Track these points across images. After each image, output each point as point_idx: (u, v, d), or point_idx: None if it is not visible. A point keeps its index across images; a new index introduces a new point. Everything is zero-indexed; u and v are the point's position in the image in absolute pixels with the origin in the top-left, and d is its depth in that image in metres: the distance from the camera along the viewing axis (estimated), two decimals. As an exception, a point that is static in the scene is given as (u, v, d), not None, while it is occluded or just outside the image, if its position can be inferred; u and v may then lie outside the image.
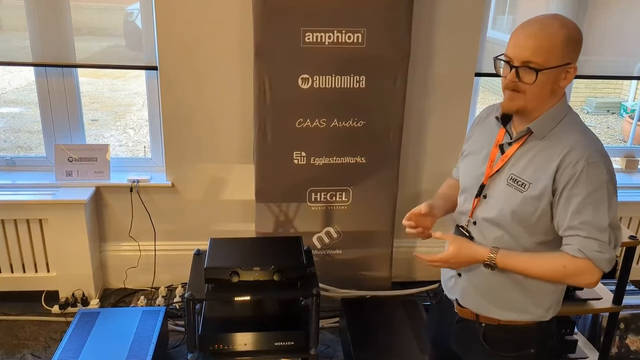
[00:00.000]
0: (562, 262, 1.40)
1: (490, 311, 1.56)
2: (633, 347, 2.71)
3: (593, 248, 1.37)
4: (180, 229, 3.16)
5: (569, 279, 1.44)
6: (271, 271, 2.18)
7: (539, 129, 1.43)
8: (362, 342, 2.52)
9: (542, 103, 1.42)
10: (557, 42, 1.35)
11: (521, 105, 1.41)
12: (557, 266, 1.41)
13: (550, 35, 1.36)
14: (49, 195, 2.90)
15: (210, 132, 2.99)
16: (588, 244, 1.37)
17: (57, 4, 2.78)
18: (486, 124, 1.61)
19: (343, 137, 2.82)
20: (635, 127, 3.87)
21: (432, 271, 3.21)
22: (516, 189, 1.44)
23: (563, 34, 1.36)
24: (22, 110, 7.27)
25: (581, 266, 1.38)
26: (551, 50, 1.35)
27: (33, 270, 3.02)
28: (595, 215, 1.36)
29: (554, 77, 1.38)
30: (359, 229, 2.99)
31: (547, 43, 1.35)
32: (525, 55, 1.36)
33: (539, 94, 1.39)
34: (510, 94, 1.41)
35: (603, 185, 1.36)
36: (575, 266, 1.39)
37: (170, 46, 2.82)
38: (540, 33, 1.36)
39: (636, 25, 3.15)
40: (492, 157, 1.52)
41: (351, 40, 2.65)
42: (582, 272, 1.39)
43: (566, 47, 1.36)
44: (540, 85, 1.37)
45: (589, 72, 3.24)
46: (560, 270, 1.41)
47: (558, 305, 1.58)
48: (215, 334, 2.25)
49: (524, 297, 1.52)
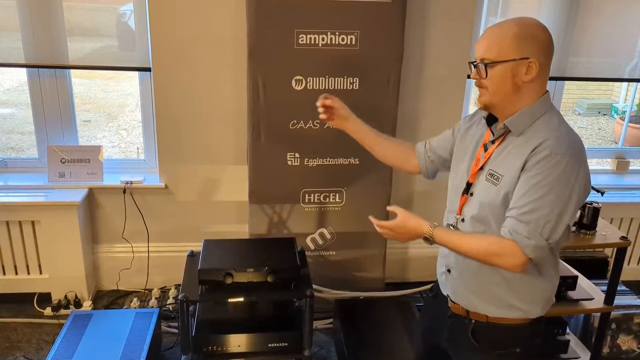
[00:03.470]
0: (489, 241, 1.46)
1: (478, 307, 1.59)
2: (624, 347, 2.73)
3: (521, 232, 1.39)
4: (174, 231, 3.15)
5: (494, 258, 1.45)
6: (265, 272, 2.19)
7: (515, 126, 1.47)
8: (356, 343, 2.53)
9: (506, 97, 1.46)
10: (508, 37, 1.42)
11: (487, 100, 1.49)
12: (484, 243, 1.46)
13: (501, 32, 1.44)
14: (42, 196, 2.89)
15: (203, 133, 2.99)
16: (518, 227, 1.40)
17: (49, 5, 2.77)
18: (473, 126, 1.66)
19: (337, 139, 2.79)
20: (626, 128, 3.90)
21: (426, 272, 3.25)
22: (492, 183, 1.49)
23: (514, 30, 1.42)
24: (14, 111, 7.23)
25: (506, 247, 1.41)
26: (501, 45, 1.42)
27: (25, 272, 3.01)
28: (536, 201, 1.38)
29: (512, 72, 1.43)
30: (353, 230, 3.00)
31: (496, 39, 1.44)
32: (481, 54, 1.46)
33: (499, 87, 1.45)
34: (479, 91, 1.51)
35: (558, 176, 1.37)
36: (500, 246, 1.42)
37: (164, 47, 2.82)
38: (493, 32, 1.46)
39: (627, 28, 3.17)
40: (477, 156, 1.57)
41: (345, 42, 2.66)
42: (505, 253, 1.42)
43: (518, 42, 1.41)
44: (498, 80, 1.44)
45: (580, 74, 3.26)
46: (485, 248, 1.45)
47: (547, 304, 1.60)
48: (209, 336, 2.25)
49: (510, 293, 1.54)
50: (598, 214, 2.36)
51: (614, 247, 2.35)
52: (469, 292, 1.60)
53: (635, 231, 3.43)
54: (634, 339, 2.72)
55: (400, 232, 1.58)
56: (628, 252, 3.05)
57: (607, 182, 3.43)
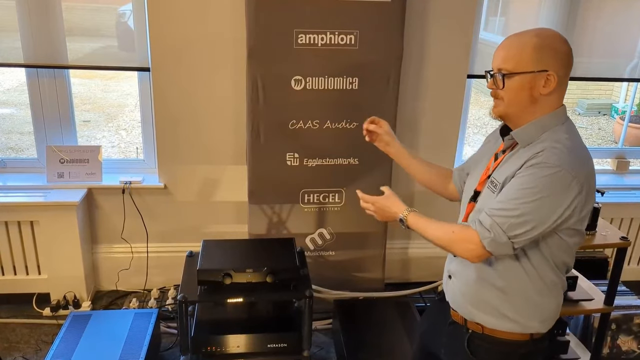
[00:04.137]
0: (453, 228, 1.47)
1: (474, 316, 1.56)
2: (624, 348, 2.73)
3: (485, 223, 1.40)
4: (173, 231, 3.15)
5: (454, 244, 1.47)
6: (264, 273, 2.18)
7: (520, 137, 1.46)
8: (355, 344, 2.52)
9: (522, 109, 1.44)
10: (527, 49, 1.40)
11: (502, 110, 1.48)
12: (448, 230, 1.48)
13: (520, 43, 1.42)
14: (41, 197, 2.88)
15: (203, 134, 2.98)
16: (484, 219, 1.41)
17: (48, 5, 2.77)
18: (493, 138, 1.66)
19: (336, 139, 2.82)
20: (626, 128, 3.89)
21: (425, 272, 3.24)
22: (491, 190, 1.49)
23: (534, 42, 1.40)
24: (13, 111, 7.23)
25: (467, 234, 1.43)
26: (520, 56, 1.41)
27: (24, 272, 3.00)
28: (509, 201, 1.38)
29: (529, 84, 1.41)
30: (352, 230, 3.00)
31: (516, 50, 1.42)
32: (498, 63, 1.45)
33: (515, 99, 1.44)
34: (494, 101, 1.50)
35: (541, 180, 1.35)
36: (462, 234, 1.44)
37: (163, 47, 2.82)
38: (512, 42, 1.44)
39: (627, 28, 3.17)
40: (488, 165, 1.57)
41: (344, 42, 2.66)
42: (465, 240, 1.43)
43: (538, 54, 1.39)
44: (515, 91, 1.42)
45: (580, 74, 3.25)
46: (450, 235, 1.47)
47: (548, 320, 1.55)
48: (208, 336, 2.25)
49: (504, 303, 1.51)
50: (598, 214, 2.36)
51: (614, 248, 2.34)
52: (466, 299, 1.58)
53: (636, 231, 3.43)
54: (634, 340, 2.72)
55: (380, 208, 1.64)
56: (628, 252, 3.04)
57: (607, 182, 3.42)
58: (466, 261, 1.52)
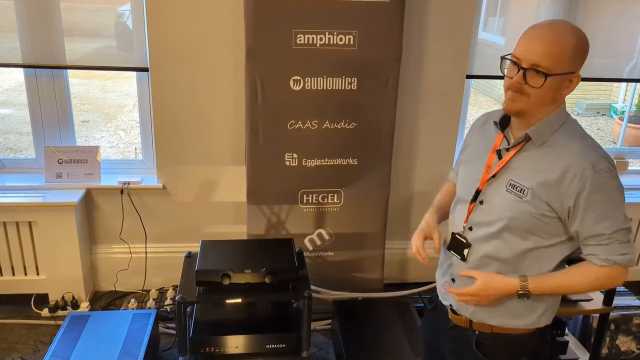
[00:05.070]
0: (593, 275, 1.43)
1: (483, 318, 1.55)
2: (623, 348, 2.73)
3: (618, 252, 1.40)
4: (172, 231, 3.14)
5: (603, 287, 1.48)
6: (263, 273, 2.18)
7: (537, 135, 1.43)
8: (354, 344, 2.52)
9: (542, 108, 1.41)
10: (568, 49, 1.35)
11: (523, 107, 1.40)
12: (590, 280, 1.44)
13: (562, 41, 1.35)
14: (39, 197, 2.88)
15: (201, 134, 2.98)
16: (612, 249, 1.40)
17: (47, 5, 2.76)
18: (483, 131, 1.61)
19: (335, 139, 2.82)
20: (625, 128, 3.89)
21: (424, 272, 3.24)
22: (516, 195, 1.44)
23: (574, 42, 1.36)
24: (12, 111, 7.22)
25: (612, 273, 1.41)
26: (561, 56, 1.34)
27: (22, 273, 2.99)
28: (613, 220, 1.38)
29: (558, 85, 1.38)
30: (351, 230, 2.99)
31: (558, 49, 1.34)
32: (536, 58, 1.35)
33: (542, 98, 1.38)
34: (512, 95, 1.40)
35: (614, 189, 1.38)
36: (606, 275, 1.42)
37: (162, 47, 2.81)
38: (554, 38, 1.35)
39: (626, 28, 3.17)
40: (489, 162, 1.51)
41: (343, 42, 2.65)
42: (613, 277, 1.43)
43: (575, 55, 1.37)
44: (547, 90, 1.37)
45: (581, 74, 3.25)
46: (594, 282, 1.44)
47: (553, 311, 1.57)
48: (207, 337, 2.25)
49: (517, 302, 1.51)
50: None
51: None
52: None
53: (635, 232, 3.43)
54: (633, 340, 2.72)
55: (484, 295, 1.49)
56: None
57: (606, 183, 3.42)
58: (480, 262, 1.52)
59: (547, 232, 1.44)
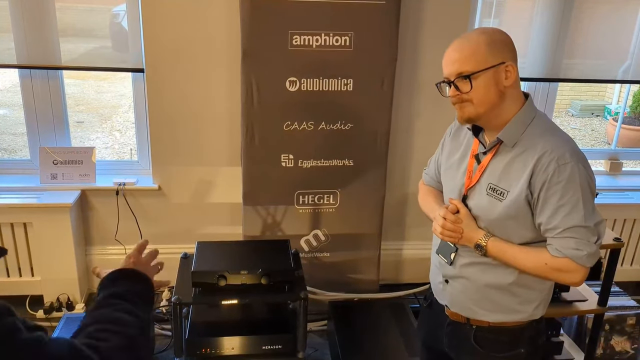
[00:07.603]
0: (543, 260, 1.44)
1: (479, 314, 1.58)
2: (618, 348, 2.74)
3: (570, 246, 1.40)
4: (167, 233, 3.14)
5: (553, 275, 1.47)
6: (259, 275, 2.18)
7: (508, 137, 1.46)
8: (350, 345, 2.52)
9: (493, 106, 1.44)
10: (480, 46, 1.41)
11: (472, 112, 1.45)
12: (540, 263, 1.45)
13: (471, 42, 1.42)
14: (34, 198, 2.87)
15: (197, 135, 2.98)
16: (565, 243, 1.41)
17: (42, 5, 2.75)
18: (459, 135, 1.64)
19: (331, 140, 2.82)
20: (619, 129, 3.91)
21: (420, 273, 3.24)
22: (496, 197, 1.48)
23: (484, 38, 1.42)
24: (6, 112, 7.19)
25: (561, 264, 1.42)
26: (476, 54, 1.41)
27: (17, 274, 2.98)
28: (570, 215, 1.39)
29: (493, 79, 1.41)
30: (347, 231, 3.00)
31: (469, 50, 1.42)
32: (456, 68, 1.43)
33: (485, 97, 1.43)
34: (458, 107, 1.47)
35: (576, 184, 1.38)
36: (556, 264, 1.43)
37: (157, 48, 2.81)
38: (463, 44, 1.44)
39: (619, 30, 3.18)
40: (469, 167, 1.55)
41: (339, 44, 2.66)
42: (563, 270, 1.43)
43: (492, 49, 1.41)
44: (483, 89, 1.41)
45: (574, 76, 3.27)
46: (542, 267, 1.45)
47: (546, 303, 1.61)
48: (203, 338, 2.24)
49: (513, 298, 1.55)
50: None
51: (607, 249, 2.35)
52: (470, 302, 1.59)
53: (629, 232, 3.44)
54: (628, 340, 2.73)
55: (467, 225, 1.52)
56: (621, 253, 3.06)
57: (600, 184, 3.41)
58: (467, 266, 1.55)
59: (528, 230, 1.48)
